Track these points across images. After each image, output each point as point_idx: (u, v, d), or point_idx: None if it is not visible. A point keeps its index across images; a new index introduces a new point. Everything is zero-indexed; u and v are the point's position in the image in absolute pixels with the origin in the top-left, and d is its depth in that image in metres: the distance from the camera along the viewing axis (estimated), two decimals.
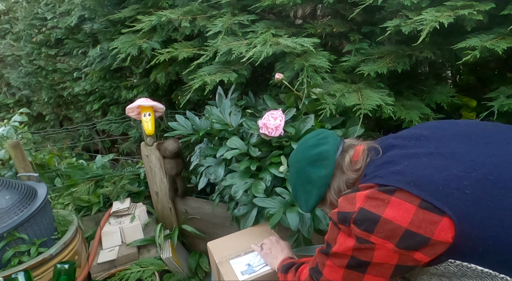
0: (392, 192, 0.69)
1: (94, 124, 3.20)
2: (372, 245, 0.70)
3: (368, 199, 0.71)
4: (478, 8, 1.22)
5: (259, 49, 1.49)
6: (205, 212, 1.97)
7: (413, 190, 0.67)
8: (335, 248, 0.77)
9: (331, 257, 0.79)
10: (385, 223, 0.67)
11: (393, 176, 0.71)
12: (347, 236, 0.74)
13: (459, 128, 0.79)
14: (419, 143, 0.77)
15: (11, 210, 1.51)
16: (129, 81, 2.65)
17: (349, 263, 0.75)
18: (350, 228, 0.73)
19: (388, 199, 0.68)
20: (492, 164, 0.68)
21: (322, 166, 0.87)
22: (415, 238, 0.65)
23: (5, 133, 2.44)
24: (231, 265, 1.27)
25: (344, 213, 0.74)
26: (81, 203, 2.12)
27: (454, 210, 0.64)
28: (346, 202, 0.75)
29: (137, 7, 2.18)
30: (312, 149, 0.91)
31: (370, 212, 0.69)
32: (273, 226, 1.36)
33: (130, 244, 1.91)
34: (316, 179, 0.88)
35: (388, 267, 0.71)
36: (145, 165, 2.04)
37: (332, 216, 0.78)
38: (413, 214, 0.66)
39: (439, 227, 0.64)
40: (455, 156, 0.70)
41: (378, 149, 0.83)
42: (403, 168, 0.71)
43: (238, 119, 1.65)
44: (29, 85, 3.92)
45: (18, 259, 1.48)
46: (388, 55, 1.51)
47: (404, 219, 0.66)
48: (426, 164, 0.70)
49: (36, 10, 3.38)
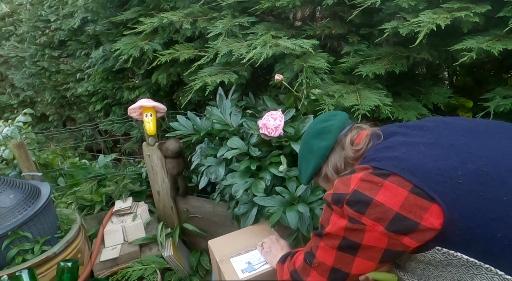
0: (386, 175, 0.70)
1: (97, 125, 3.23)
2: (363, 226, 0.71)
3: (362, 182, 0.73)
4: (475, 11, 1.23)
5: (259, 50, 1.51)
6: (206, 211, 1.98)
7: (406, 175, 0.69)
8: (328, 229, 0.79)
9: (324, 238, 0.81)
10: (377, 205, 0.69)
11: (389, 160, 0.73)
12: (340, 216, 0.76)
13: (463, 123, 0.80)
14: (421, 132, 0.79)
15: (15, 208, 1.53)
16: (131, 82, 2.67)
17: (341, 244, 0.76)
18: (343, 208, 0.74)
19: (381, 183, 0.70)
20: (489, 156, 0.69)
21: (324, 138, 0.92)
22: (404, 222, 0.67)
23: (9, 133, 2.47)
24: (231, 263, 1.28)
25: (338, 194, 0.76)
26: (84, 202, 2.14)
27: (444, 197, 0.66)
28: (341, 183, 0.77)
29: (139, 9, 2.21)
30: (319, 123, 0.96)
31: (363, 194, 0.71)
32: (273, 225, 1.38)
33: (132, 242, 1.94)
34: (316, 149, 0.92)
35: (378, 251, 0.73)
36: (147, 165, 2.06)
37: (327, 198, 0.80)
38: (404, 198, 0.67)
39: (428, 213, 0.66)
40: (453, 147, 0.72)
41: (380, 134, 0.85)
42: (401, 154, 0.73)
43: (239, 119, 1.67)
44: (33, 86, 3.95)
45: (22, 257, 1.50)
46: (386, 56, 1.52)
47: (395, 203, 0.68)
48: (424, 153, 0.72)
49: (39, 12, 3.41)
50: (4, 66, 4.27)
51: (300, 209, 1.35)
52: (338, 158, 0.90)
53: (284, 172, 1.45)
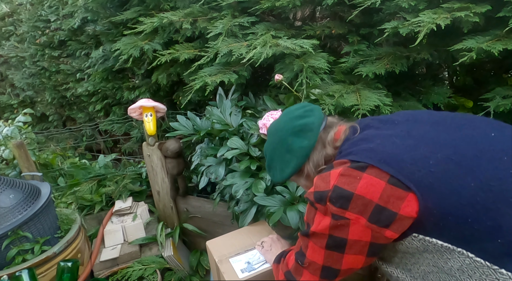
0: (364, 168, 0.72)
1: (97, 125, 3.23)
2: (347, 220, 0.73)
3: (341, 177, 0.74)
4: (475, 10, 1.24)
5: (259, 50, 1.51)
6: (206, 210, 1.99)
7: (383, 166, 0.70)
8: (313, 228, 0.79)
9: (311, 238, 0.81)
10: (358, 198, 0.71)
11: (365, 153, 0.74)
12: (323, 215, 0.77)
13: (431, 116, 0.83)
14: (393, 126, 0.81)
15: (15, 208, 1.53)
16: (131, 82, 2.67)
17: (328, 243, 0.77)
18: (326, 206, 0.75)
19: (360, 175, 0.72)
20: (457, 146, 0.72)
21: (305, 137, 0.88)
22: (384, 213, 0.69)
23: (9, 133, 2.47)
24: (230, 263, 1.28)
25: (320, 192, 0.76)
26: (84, 202, 2.14)
27: (418, 186, 0.68)
28: (321, 181, 0.78)
29: (139, 9, 2.21)
30: (297, 120, 0.91)
31: (344, 189, 0.72)
32: (273, 224, 1.38)
33: (132, 242, 1.94)
34: (297, 149, 0.89)
35: (364, 245, 0.74)
36: (147, 165, 2.06)
37: (309, 196, 0.80)
38: (382, 189, 0.69)
39: (405, 202, 0.68)
40: (424, 138, 0.75)
41: (356, 128, 0.86)
42: (376, 146, 0.75)
43: (239, 119, 1.67)
44: (33, 86, 3.96)
45: (22, 257, 1.50)
46: (386, 56, 1.53)
47: (374, 194, 0.69)
48: (397, 144, 0.74)
49: (39, 12, 3.41)
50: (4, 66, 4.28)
51: (301, 209, 1.35)
52: (320, 156, 0.89)
53: None
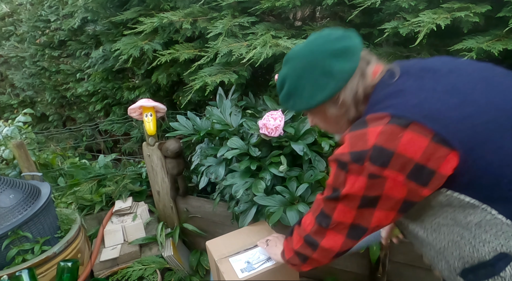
0: (407, 125, 0.67)
1: (97, 125, 3.23)
2: (384, 179, 0.69)
3: (381, 134, 0.68)
4: (474, 11, 1.24)
5: (259, 50, 1.51)
6: (206, 211, 1.99)
7: (427, 123, 0.66)
8: (345, 190, 0.74)
9: (341, 201, 0.76)
10: (399, 157, 0.67)
11: (408, 107, 0.69)
12: (358, 175, 0.71)
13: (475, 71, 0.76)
14: (436, 77, 0.74)
15: (15, 208, 1.54)
16: (131, 82, 2.67)
17: (362, 202, 0.74)
18: (363, 166, 0.70)
19: (402, 133, 0.67)
20: (505, 107, 0.69)
21: (347, 59, 0.79)
22: (424, 171, 0.67)
23: (9, 133, 2.47)
24: (230, 263, 1.28)
25: (357, 152, 0.71)
26: (84, 202, 2.14)
27: (462, 144, 0.65)
28: (357, 139, 0.71)
29: (139, 9, 2.21)
30: (337, 42, 0.81)
31: (384, 148, 0.68)
32: (273, 224, 1.38)
33: (132, 242, 1.94)
34: (337, 72, 0.79)
35: (397, 202, 0.72)
36: (147, 165, 2.06)
37: (341, 157, 0.74)
38: (425, 147, 0.66)
39: (445, 160, 0.66)
40: (469, 96, 0.70)
41: (394, 73, 0.77)
42: (419, 101, 0.69)
43: (239, 119, 1.67)
44: (33, 86, 3.96)
45: (22, 257, 1.51)
46: (386, 56, 1.52)
47: (416, 153, 0.66)
48: (443, 100, 0.69)
49: (39, 12, 3.41)
50: (4, 66, 4.28)
51: (301, 209, 1.35)
52: (359, 86, 0.78)
53: (284, 172, 1.45)
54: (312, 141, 1.47)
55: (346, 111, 0.81)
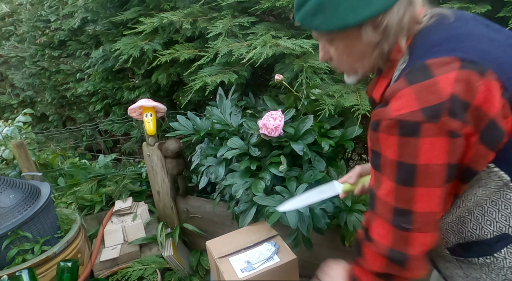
0: (483, 73, 0.57)
1: (97, 125, 3.23)
2: (462, 138, 0.58)
3: (457, 83, 0.56)
4: (474, 11, 1.24)
5: (259, 50, 1.51)
6: (206, 210, 1.99)
7: (501, 74, 0.58)
8: (423, 161, 0.59)
9: (419, 183, 0.60)
10: (476, 110, 0.57)
11: (479, 53, 0.59)
12: (435, 137, 0.57)
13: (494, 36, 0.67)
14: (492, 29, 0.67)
15: (15, 208, 1.54)
16: (131, 82, 2.67)
17: (448, 173, 0.60)
18: (440, 123, 0.56)
19: (479, 82, 0.56)
20: None
21: None
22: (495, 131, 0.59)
23: (9, 133, 2.47)
24: (230, 263, 1.28)
25: (432, 107, 0.56)
26: (84, 202, 2.14)
27: None
28: (426, 92, 0.57)
29: (139, 9, 2.21)
30: None
31: (462, 100, 0.56)
32: (272, 224, 1.38)
33: (132, 242, 1.94)
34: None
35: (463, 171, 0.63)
36: (147, 165, 2.07)
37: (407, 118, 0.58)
38: (498, 103, 0.57)
39: (508, 120, 0.59)
40: None
41: (446, 15, 0.66)
42: (490, 48, 0.60)
43: (238, 119, 1.67)
44: (33, 86, 3.96)
45: (22, 257, 1.51)
46: None
47: (492, 107, 0.57)
48: (509, 54, 0.61)
49: (39, 12, 3.41)
50: (4, 66, 4.27)
51: (300, 209, 1.35)
52: (406, 12, 0.64)
53: (284, 172, 1.45)
54: (312, 140, 1.47)
55: (382, 41, 0.67)
